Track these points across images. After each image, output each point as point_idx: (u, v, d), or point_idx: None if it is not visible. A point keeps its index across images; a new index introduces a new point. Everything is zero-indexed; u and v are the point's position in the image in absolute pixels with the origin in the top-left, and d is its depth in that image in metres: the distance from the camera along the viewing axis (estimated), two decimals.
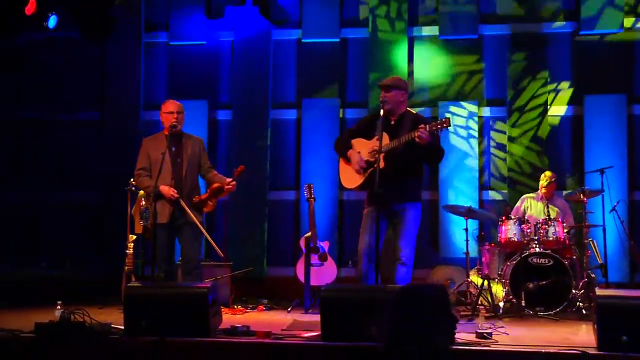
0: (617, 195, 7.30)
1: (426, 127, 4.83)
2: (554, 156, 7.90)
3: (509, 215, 6.53)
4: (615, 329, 3.87)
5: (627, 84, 7.83)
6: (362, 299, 4.17)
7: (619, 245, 7.26)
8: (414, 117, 5.16)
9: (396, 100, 5.10)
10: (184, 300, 4.25)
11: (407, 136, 4.89)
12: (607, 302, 3.97)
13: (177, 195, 5.42)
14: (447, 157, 7.96)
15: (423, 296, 2.28)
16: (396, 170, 4.96)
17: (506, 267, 6.33)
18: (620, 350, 3.80)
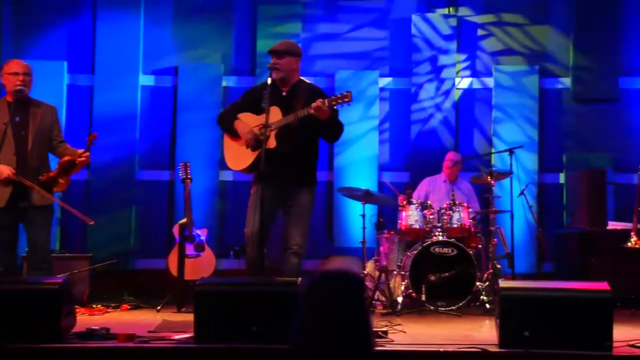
0: (527, 178, 7.67)
1: (325, 101, 4.83)
2: (460, 135, 8.17)
3: (410, 200, 6.68)
4: (517, 324, 4.04)
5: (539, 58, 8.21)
6: (245, 293, 4.14)
7: (527, 233, 7.64)
8: (310, 88, 5.14)
9: (289, 68, 5.06)
10: (29, 299, 4.07)
11: (304, 110, 4.87)
12: (510, 294, 4.14)
13: (13, 175, 5.16)
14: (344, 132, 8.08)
15: (336, 287, 2.22)
16: (290, 148, 4.93)
17: (406, 258, 6.47)
18: (522, 347, 3.98)
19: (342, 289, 2.13)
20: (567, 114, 8.10)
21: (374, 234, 7.13)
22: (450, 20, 8.15)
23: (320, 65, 8.23)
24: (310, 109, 4.82)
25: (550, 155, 8.06)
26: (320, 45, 8.28)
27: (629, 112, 7.82)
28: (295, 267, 4.95)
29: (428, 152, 7.94)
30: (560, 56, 8.15)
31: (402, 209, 6.59)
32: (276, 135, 4.92)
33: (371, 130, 8.04)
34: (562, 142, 8.07)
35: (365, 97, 8.03)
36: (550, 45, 8.18)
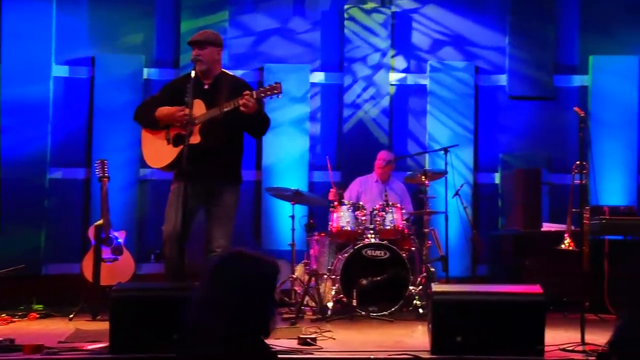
0: (462, 178, 7.81)
1: (253, 93, 4.81)
2: (393, 133, 8.25)
3: (342, 201, 6.71)
4: (450, 329, 4.11)
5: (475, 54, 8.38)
6: (165, 299, 4.08)
7: (462, 235, 7.77)
8: (233, 80, 5.11)
9: (211, 59, 5.02)
10: None
11: (230, 103, 4.83)
12: (442, 299, 4.21)
13: None
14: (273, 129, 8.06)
15: (248, 268, 2.23)
16: (215, 144, 4.89)
17: (337, 261, 6.49)
18: (454, 353, 4.05)
19: (254, 272, 2.17)
20: (503, 112, 8.28)
21: (303, 236, 7.13)
22: (384, 12, 8.23)
23: (248, 58, 8.19)
24: (236, 101, 4.79)
25: (486, 154, 8.23)
26: (248, 36, 8.24)
27: (564, 110, 8.04)
28: None
29: (360, 151, 7.99)
30: (496, 53, 8.33)
31: (333, 210, 6.62)
32: (200, 130, 4.86)
33: (301, 128, 8.05)
34: (498, 141, 8.24)
35: (296, 92, 8.03)
36: (486, 42, 8.35)
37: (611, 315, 6.22)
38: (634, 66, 8.09)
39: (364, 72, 8.17)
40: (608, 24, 8.26)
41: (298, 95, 8.05)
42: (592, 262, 5.95)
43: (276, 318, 2.31)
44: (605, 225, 5.30)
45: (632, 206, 7.35)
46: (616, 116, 8.03)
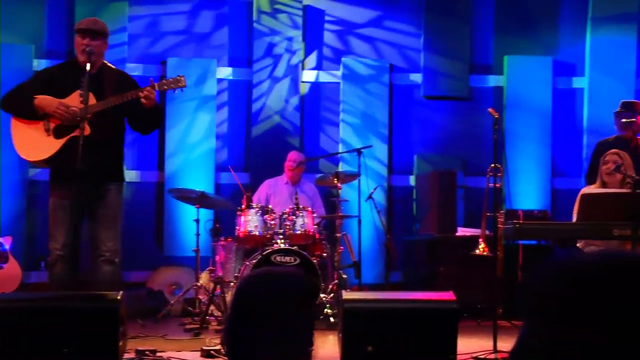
0: (376, 180, 7.90)
1: (155, 85, 4.77)
2: (305, 132, 8.28)
3: (250, 204, 6.68)
4: (360, 339, 4.15)
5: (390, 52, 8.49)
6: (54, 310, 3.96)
7: (375, 240, 7.86)
8: (118, 74, 5.06)
9: (101, 51, 4.96)
10: None
11: (127, 95, 4.76)
12: (353, 307, 4.24)
13: None
14: (177, 127, 7.97)
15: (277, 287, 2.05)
16: (103, 138, 4.80)
17: (244, 268, 6.44)
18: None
19: (285, 290, 1.91)
20: (418, 113, 8.42)
21: (209, 242, 7.06)
22: (295, 7, 8.24)
23: (150, 51, 8.06)
24: (135, 93, 4.73)
25: (401, 156, 8.35)
26: (150, 28, 8.11)
27: (480, 111, 8.22)
28: (109, 277, 4.80)
29: (270, 152, 7.97)
30: (411, 51, 8.46)
31: (241, 213, 6.58)
32: (89, 122, 4.73)
33: (207, 127, 7.97)
34: (414, 142, 8.38)
35: (201, 88, 7.95)
36: (401, 40, 8.48)
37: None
38: (548, 67, 8.37)
39: (275, 68, 8.16)
40: (523, 24, 8.52)
41: (204, 91, 7.97)
42: (506, 268, 6.11)
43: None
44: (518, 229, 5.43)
45: (545, 210, 7.60)
46: (531, 118, 8.28)
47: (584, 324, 1.21)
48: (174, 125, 7.92)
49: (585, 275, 1.26)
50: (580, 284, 1.26)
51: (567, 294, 1.27)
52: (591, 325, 1.20)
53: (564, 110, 8.45)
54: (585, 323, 1.21)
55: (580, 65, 8.48)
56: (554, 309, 1.24)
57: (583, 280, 1.26)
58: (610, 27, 8.33)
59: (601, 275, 1.26)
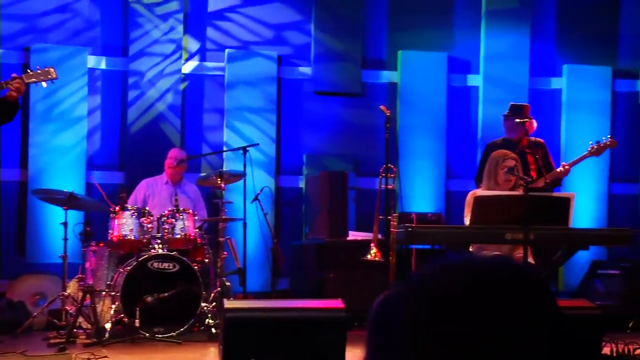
0: (263, 181, 7.92)
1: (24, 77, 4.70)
2: (187, 128, 8.22)
3: (125, 206, 6.58)
4: (243, 350, 4.16)
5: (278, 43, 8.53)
6: None
7: (261, 245, 7.89)
8: None
9: None
10: None
11: None
12: (235, 316, 4.25)
13: None
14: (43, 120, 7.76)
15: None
16: None
17: (118, 275, 6.37)
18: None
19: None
20: (308, 109, 8.50)
21: (78, 247, 6.90)
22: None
23: (10, 36, 7.81)
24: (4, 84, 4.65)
25: (290, 155, 8.41)
26: (11, 11, 7.86)
27: (373, 109, 8.37)
28: None
29: (148, 149, 7.88)
30: (300, 42, 8.53)
31: (115, 216, 6.48)
32: None
33: (77, 120, 7.81)
34: (303, 141, 8.45)
35: (71, 78, 7.77)
36: (290, 31, 8.53)
37: None
38: (443, 63, 8.61)
39: (153, 58, 8.07)
40: (417, 18, 8.73)
41: (74, 82, 7.79)
42: (399, 274, 6.25)
43: None
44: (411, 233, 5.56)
45: (439, 213, 7.82)
46: (426, 116, 8.50)
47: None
48: (39, 118, 7.71)
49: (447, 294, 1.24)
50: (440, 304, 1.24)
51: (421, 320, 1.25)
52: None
53: (459, 109, 8.72)
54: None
55: (475, 62, 8.77)
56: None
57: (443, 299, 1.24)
58: (504, 22, 8.65)
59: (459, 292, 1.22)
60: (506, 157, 5.86)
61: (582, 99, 8.71)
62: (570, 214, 5.50)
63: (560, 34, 8.90)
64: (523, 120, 6.63)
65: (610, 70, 8.84)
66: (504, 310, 1.20)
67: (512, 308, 1.20)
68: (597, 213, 8.61)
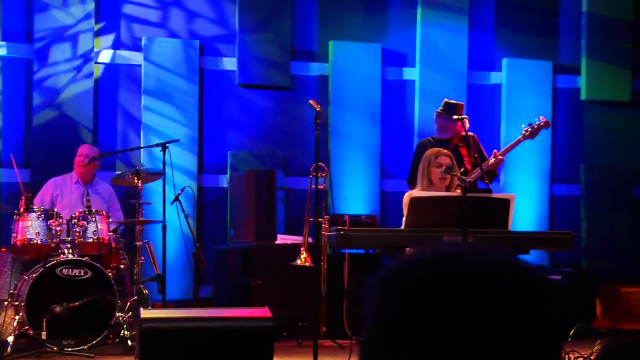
0: (184, 180, 7.85)
1: None
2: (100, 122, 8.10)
3: (30, 207, 6.45)
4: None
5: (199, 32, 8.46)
6: None
7: (183, 250, 7.81)
8: None
9: None
10: None
11: None
12: (152, 327, 4.19)
13: None
14: None
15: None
16: None
17: (22, 283, 6.27)
18: None
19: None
20: (233, 103, 8.46)
21: None
22: None
23: None
24: None
25: (213, 152, 8.35)
26: None
27: (303, 103, 8.34)
28: None
29: (56, 144, 7.76)
30: (224, 31, 8.47)
31: (19, 218, 6.35)
32: None
33: None
34: (228, 137, 8.40)
35: None
36: (211, 15, 8.46)
37: (350, 341, 6.58)
38: (377, 55, 8.66)
39: (61, 45, 7.92)
40: (349, 5, 8.76)
41: None
42: (330, 280, 6.27)
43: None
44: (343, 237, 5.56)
45: (374, 215, 7.86)
46: (359, 112, 8.54)
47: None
48: None
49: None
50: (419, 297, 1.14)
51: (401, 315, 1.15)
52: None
53: (394, 104, 8.78)
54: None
55: (412, 54, 8.84)
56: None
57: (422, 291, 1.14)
58: (441, 13, 8.74)
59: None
60: (439, 154, 5.91)
61: (523, 94, 8.85)
62: (510, 216, 5.58)
63: (499, 25, 9.02)
64: (461, 117, 6.67)
65: (551, 65, 9.00)
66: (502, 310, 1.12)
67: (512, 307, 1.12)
68: (538, 215, 8.77)
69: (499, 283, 1.13)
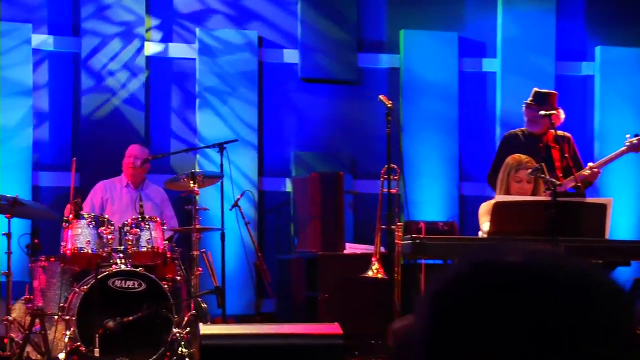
0: (244, 184, 7.93)
1: None
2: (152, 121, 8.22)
3: (80, 213, 6.57)
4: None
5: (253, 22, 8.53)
6: None
7: (243, 260, 7.87)
8: None
9: None
10: None
11: None
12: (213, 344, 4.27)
13: None
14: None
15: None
16: None
17: (73, 296, 6.36)
18: None
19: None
20: (296, 99, 8.49)
21: (24, 262, 6.91)
22: None
23: None
24: None
25: (275, 153, 8.41)
26: None
27: (372, 99, 8.35)
28: None
29: (105, 145, 7.88)
30: (285, 20, 8.51)
31: (68, 225, 6.47)
32: None
33: (20, 112, 7.81)
34: (290, 137, 8.45)
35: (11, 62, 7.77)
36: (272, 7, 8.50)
37: None
38: (454, 45, 8.63)
39: (110, 38, 8.06)
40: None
41: (14, 66, 7.81)
42: (405, 294, 6.27)
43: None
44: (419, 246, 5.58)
45: (452, 222, 7.83)
46: (434, 107, 8.52)
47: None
48: None
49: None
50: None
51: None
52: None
53: (473, 99, 8.74)
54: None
55: (492, 43, 8.80)
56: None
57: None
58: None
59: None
60: (520, 167, 5.83)
61: (618, 86, 8.74)
62: (607, 224, 5.52)
63: (591, 10, 8.92)
64: (549, 112, 6.61)
65: None
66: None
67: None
68: (639, 222, 8.62)
69: (564, 291, 1.15)
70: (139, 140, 7.91)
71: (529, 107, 6.84)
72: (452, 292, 1.18)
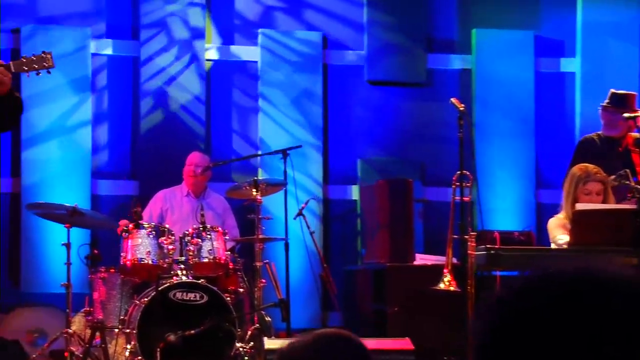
0: (309, 192, 7.96)
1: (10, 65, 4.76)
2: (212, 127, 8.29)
3: (140, 223, 6.66)
4: None
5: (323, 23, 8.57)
6: None
7: (308, 271, 7.90)
8: None
9: None
10: None
11: None
12: None
13: None
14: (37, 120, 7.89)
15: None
16: None
17: (134, 308, 6.43)
18: None
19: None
20: (362, 102, 8.50)
21: (84, 274, 7.02)
22: None
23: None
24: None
25: (340, 160, 8.43)
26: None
27: (442, 101, 8.33)
28: None
29: (164, 153, 7.98)
30: (350, 20, 8.52)
31: (128, 236, 6.56)
32: None
33: (79, 119, 7.93)
34: (356, 142, 8.46)
35: (70, 66, 7.89)
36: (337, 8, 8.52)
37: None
38: (529, 44, 8.57)
39: (170, 42, 8.14)
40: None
41: (74, 72, 7.93)
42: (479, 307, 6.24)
43: None
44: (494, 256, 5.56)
45: (529, 231, 7.77)
46: (508, 110, 8.47)
47: None
48: (33, 118, 7.84)
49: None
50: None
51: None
52: None
53: (551, 101, 8.67)
54: None
55: (571, 42, 8.72)
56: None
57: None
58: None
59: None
60: (589, 179, 5.75)
61: None
62: None
63: None
64: (633, 115, 6.54)
65: None
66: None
67: None
68: None
69: (625, 301, 1.22)
70: (200, 147, 7.98)
71: (605, 109, 6.77)
72: (515, 301, 1.27)
